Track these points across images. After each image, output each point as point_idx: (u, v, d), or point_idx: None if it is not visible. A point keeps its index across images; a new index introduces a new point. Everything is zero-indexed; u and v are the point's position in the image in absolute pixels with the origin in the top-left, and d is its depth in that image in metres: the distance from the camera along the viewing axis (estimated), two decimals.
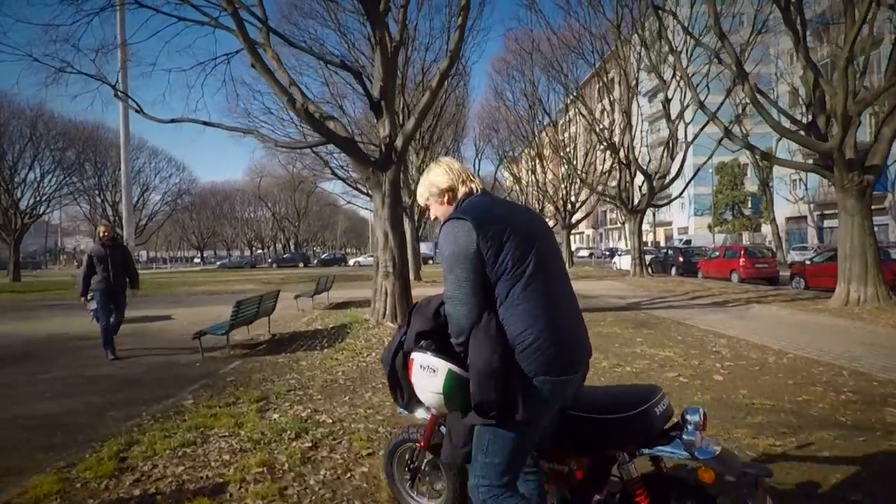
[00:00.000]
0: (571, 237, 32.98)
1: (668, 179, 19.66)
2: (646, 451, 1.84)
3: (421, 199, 1.97)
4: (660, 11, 12.63)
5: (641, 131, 20.74)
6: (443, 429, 2.09)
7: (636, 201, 20.41)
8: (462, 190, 1.86)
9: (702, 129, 20.16)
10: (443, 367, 1.69)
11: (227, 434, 3.77)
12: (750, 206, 47.58)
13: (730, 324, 8.80)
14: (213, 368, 6.08)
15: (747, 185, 47.63)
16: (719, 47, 11.29)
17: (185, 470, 3.18)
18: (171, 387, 5.25)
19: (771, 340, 7.20)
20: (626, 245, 55.73)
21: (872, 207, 27.70)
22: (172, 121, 9.72)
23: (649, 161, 21.13)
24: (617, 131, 21.15)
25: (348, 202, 34.94)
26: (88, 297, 6.64)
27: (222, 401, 4.63)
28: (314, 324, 9.45)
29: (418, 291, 15.71)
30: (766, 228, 47.23)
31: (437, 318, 1.82)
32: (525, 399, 1.61)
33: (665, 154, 19.65)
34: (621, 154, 20.24)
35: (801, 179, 35.40)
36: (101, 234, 6.73)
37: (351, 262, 53.19)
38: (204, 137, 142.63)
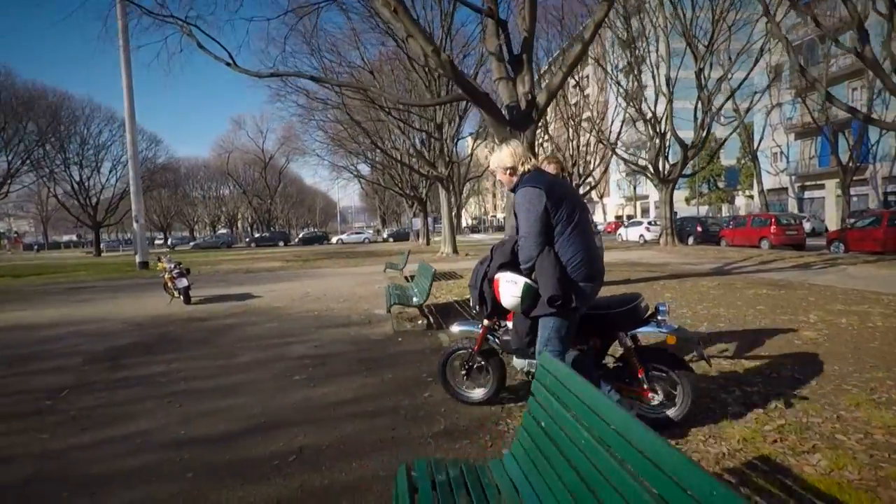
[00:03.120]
0: None
1: (698, 149, 19.95)
2: (636, 330, 3.00)
3: (492, 167, 2.90)
4: None
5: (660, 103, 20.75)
6: (489, 338, 3.42)
7: (667, 171, 20.64)
8: (521, 169, 2.76)
9: (728, 98, 20.52)
10: (521, 280, 2.67)
11: None
12: (724, 179, 49.66)
13: (857, 283, 8.93)
14: (434, 342, 5.50)
15: (722, 159, 49.59)
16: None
17: None
18: (428, 363, 4.68)
19: None
20: (605, 219, 57.32)
21: (854, 178, 29.29)
22: (272, 75, 8.67)
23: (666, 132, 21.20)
24: (649, 101, 21.19)
25: (356, 175, 33.21)
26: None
27: None
28: (438, 297, 8.87)
29: (461, 265, 15.30)
30: (739, 201, 49.62)
31: (513, 254, 2.80)
32: (576, 295, 2.62)
33: (696, 125, 19.87)
34: (662, 124, 20.33)
35: (781, 152, 37.03)
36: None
37: (334, 239, 51.62)
38: (167, 111, 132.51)
